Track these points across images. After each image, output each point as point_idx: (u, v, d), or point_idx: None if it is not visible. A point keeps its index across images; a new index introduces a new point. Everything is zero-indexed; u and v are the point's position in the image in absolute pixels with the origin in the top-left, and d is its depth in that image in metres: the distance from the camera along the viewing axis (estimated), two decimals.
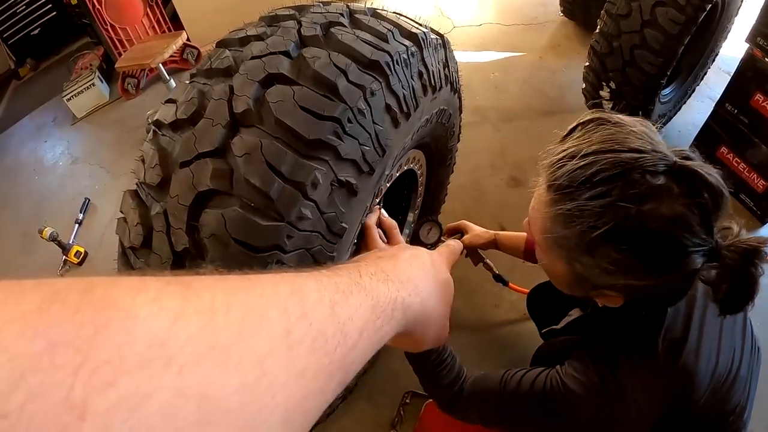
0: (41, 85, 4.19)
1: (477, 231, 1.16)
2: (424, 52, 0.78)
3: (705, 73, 2.07)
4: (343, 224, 0.63)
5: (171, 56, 2.54)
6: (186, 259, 0.58)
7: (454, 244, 0.59)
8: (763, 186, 1.66)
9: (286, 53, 0.64)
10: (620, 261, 0.55)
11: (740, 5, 1.86)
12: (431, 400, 1.20)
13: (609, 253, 0.55)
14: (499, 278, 1.37)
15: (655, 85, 1.62)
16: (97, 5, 2.91)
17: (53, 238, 2.13)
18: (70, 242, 2.26)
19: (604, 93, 1.80)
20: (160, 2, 3.09)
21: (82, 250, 2.23)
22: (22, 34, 4.34)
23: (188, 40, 2.89)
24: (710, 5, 1.48)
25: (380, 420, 1.38)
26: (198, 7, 3.14)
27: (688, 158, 0.55)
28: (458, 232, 1.18)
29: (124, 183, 2.63)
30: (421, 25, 0.84)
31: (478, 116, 2.36)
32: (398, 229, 0.80)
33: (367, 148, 0.63)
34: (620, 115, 0.59)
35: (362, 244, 0.75)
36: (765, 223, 1.70)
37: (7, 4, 4.09)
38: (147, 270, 0.62)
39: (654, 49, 1.52)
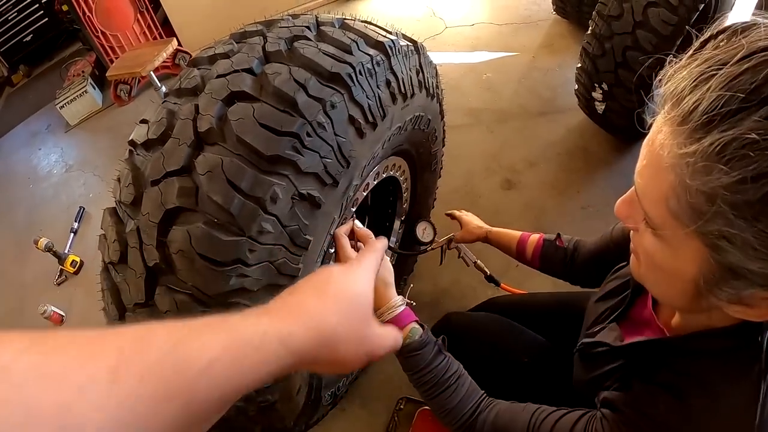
0: (34, 91, 4.29)
1: (470, 227, 1.21)
2: (392, 60, 0.82)
3: None
4: (307, 237, 0.68)
5: (163, 62, 2.61)
6: (158, 274, 0.63)
7: (377, 245, 0.56)
8: None
9: (249, 70, 0.69)
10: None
11: (734, 2, 1.87)
12: (426, 407, 1.25)
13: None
14: (491, 279, 1.40)
15: (649, 86, 1.65)
16: (88, 12, 2.99)
17: (49, 248, 2.20)
18: (66, 252, 2.34)
19: (597, 94, 1.82)
20: (150, 8, 3.16)
21: (78, 259, 2.31)
22: (14, 41, 4.45)
23: (180, 45, 2.96)
24: (703, 5, 1.50)
25: (375, 426, 1.42)
26: (189, 12, 3.21)
27: None
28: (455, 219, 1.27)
29: None
30: (390, 32, 0.88)
31: (472, 118, 2.39)
32: (373, 238, 0.84)
33: (329, 160, 0.68)
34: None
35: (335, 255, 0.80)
36: None
37: None
38: (125, 284, 0.67)
39: (646, 50, 1.54)
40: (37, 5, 4.32)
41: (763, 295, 0.41)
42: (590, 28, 1.70)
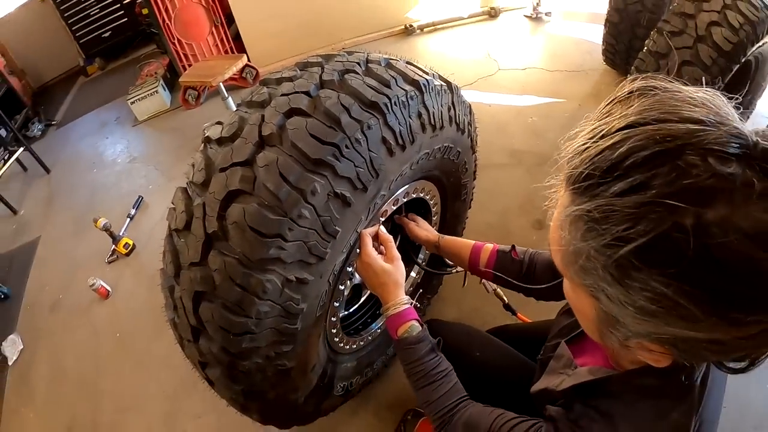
0: (107, 84, 4.82)
1: (425, 226, 1.30)
2: (425, 96, 1.01)
3: None
4: (336, 227, 0.86)
5: (231, 75, 2.94)
6: (214, 240, 0.83)
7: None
8: None
9: (307, 93, 0.90)
10: (667, 298, 0.39)
11: None
12: (425, 417, 1.37)
13: (649, 282, 0.40)
14: (508, 308, 1.52)
15: None
16: (167, 20, 3.40)
17: (106, 228, 2.50)
18: (120, 234, 2.63)
19: None
20: (224, 23, 3.55)
21: (131, 242, 2.60)
22: (94, 35, 5.00)
23: (248, 60, 3.31)
24: (737, 66, 1.61)
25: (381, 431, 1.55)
26: (259, 31, 3.59)
27: None
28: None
29: (176, 186, 3.02)
30: (427, 73, 1.08)
31: (514, 159, 2.55)
32: (393, 243, 1.03)
33: (362, 170, 0.87)
34: (677, 83, 0.45)
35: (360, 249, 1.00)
36: None
37: (82, 5, 4.76)
38: (185, 246, 0.88)
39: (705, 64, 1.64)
40: (119, 5, 4.89)
41: (647, 344, 0.47)
42: (645, 47, 1.81)
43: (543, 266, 1.06)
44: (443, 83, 1.12)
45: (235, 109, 0.99)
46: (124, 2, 4.82)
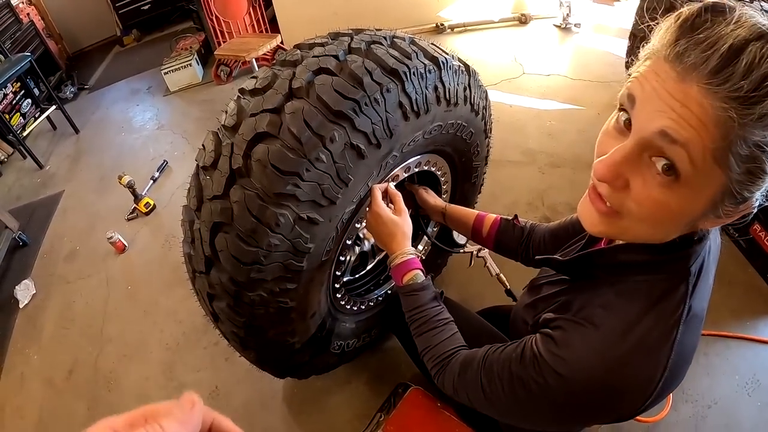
0: (141, 56, 5.00)
1: (433, 195, 1.38)
2: (442, 72, 1.10)
3: None
4: (349, 176, 0.95)
5: (264, 54, 3.06)
6: (237, 176, 0.93)
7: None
8: None
9: (336, 56, 0.99)
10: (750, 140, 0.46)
11: None
12: (415, 388, 1.44)
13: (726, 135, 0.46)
14: (509, 293, 1.59)
15: None
16: None
17: (130, 186, 2.63)
18: (143, 194, 2.76)
19: None
20: (262, 4, 3.69)
21: (152, 202, 2.73)
22: (133, 6, 5.22)
23: (282, 42, 3.43)
24: None
25: (372, 403, 1.61)
26: (295, 15, 3.72)
27: None
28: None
29: None
30: (446, 53, 1.16)
31: (528, 157, 2.62)
32: (401, 198, 1.12)
33: (377, 127, 0.96)
34: None
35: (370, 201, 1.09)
36: None
37: None
38: (210, 181, 0.98)
39: None
40: None
41: (746, 205, 0.52)
42: None
43: (542, 231, 1.14)
44: (461, 65, 1.20)
45: (255, 74, 1.09)
46: None
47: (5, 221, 2.71)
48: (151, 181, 2.91)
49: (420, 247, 1.63)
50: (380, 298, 1.54)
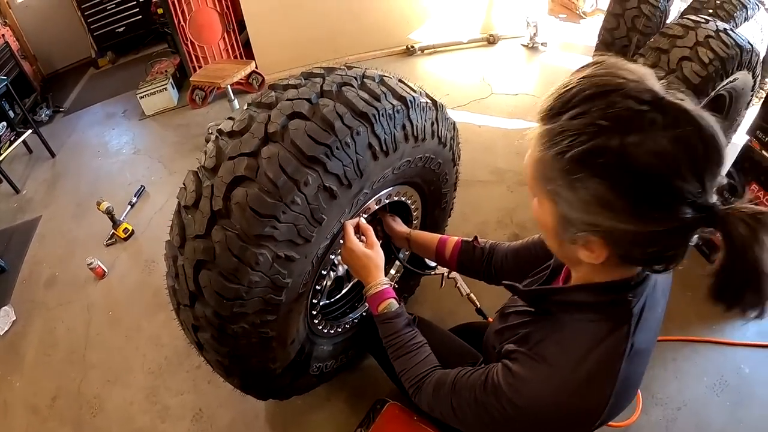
0: (116, 78, 4.96)
1: (399, 222, 1.46)
2: (410, 111, 1.17)
3: None
4: (323, 215, 1.01)
5: (239, 80, 3.10)
6: (218, 217, 0.98)
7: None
8: None
9: (309, 99, 1.05)
10: (601, 194, 0.57)
11: (750, 100, 2.11)
12: (391, 404, 1.49)
13: (588, 183, 0.57)
14: (480, 312, 1.65)
15: None
16: (182, 22, 3.57)
17: (109, 212, 2.62)
18: (121, 219, 2.76)
19: None
20: (236, 30, 3.73)
21: (130, 227, 2.72)
22: (108, 29, 5.19)
23: (256, 67, 3.48)
24: (706, 99, 1.76)
25: (352, 420, 1.65)
26: (268, 40, 3.78)
27: (681, 99, 0.56)
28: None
29: (177, 179, 3.16)
30: (415, 91, 1.23)
31: (496, 177, 2.72)
32: (372, 232, 1.18)
33: (348, 169, 1.02)
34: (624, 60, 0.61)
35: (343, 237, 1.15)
36: None
37: None
38: (192, 221, 1.02)
39: None
40: (135, 2, 5.10)
41: (590, 237, 0.62)
42: None
43: (504, 251, 1.21)
44: (429, 101, 1.27)
45: (236, 109, 1.14)
46: (140, 0, 5.02)
47: None
48: (129, 207, 2.91)
49: (392, 271, 1.70)
50: (355, 320, 1.60)
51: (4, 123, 3.69)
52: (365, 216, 1.27)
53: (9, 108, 3.77)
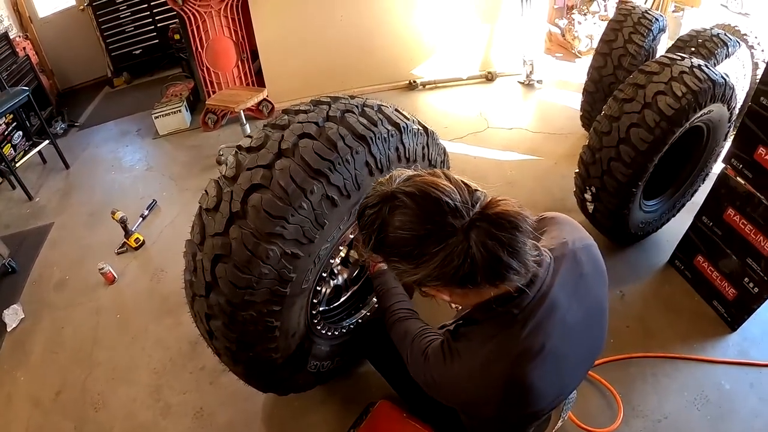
0: (130, 98, 5.23)
1: None
2: (403, 135, 1.38)
3: (696, 190, 2.46)
4: (325, 220, 1.21)
5: (251, 106, 3.34)
6: (235, 218, 1.17)
7: None
8: (734, 294, 1.96)
9: (316, 123, 1.26)
10: (393, 264, 0.83)
11: (728, 131, 2.24)
12: (382, 401, 1.63)
13: (389, 258, 0.84)
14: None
15: (627, 193, 2.02)
16: (200, 49, 3.85)
17: (123, 221, 2.81)
18: (133, 230, 2.94)
19: (587, 196, 2.19)
20: (250, 58, 4.01)
21: (141, 238, 2.91)
22: (125, 50, 5.52)
23: (267, 96, 3.73)
24: (680, 129, 1.90)
25: (346, 421, 1.77)
26: (279, 69, 4.05)
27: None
28: None
29: (188, 196, 3.36)
30: (408, 119, 1.44)
31: None
32: None
33: (348, 182, 1.22)
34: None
35: None
36: (734, 330, 1.97)
37: (119, 21, 5.31)
38: (212, 221, 1.21)
39: (626, 162, 1.95)
40: (153, 27, 5.43)
41: (433, 289, 0.84)
42: (587, 141, 2.13)
43: None
44: (420, 128, 1.48)
45: (248, 133, 1.35)
46: (159, 25, 5.37)
47: None
48: (141, 219, 3.09)
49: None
50: (351, 326, 1.78)
51: (21, 133, 3.91)
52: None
53: (25, 119, 3.99)
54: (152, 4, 5.24)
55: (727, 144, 2.11)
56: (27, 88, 3.73)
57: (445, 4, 4.09)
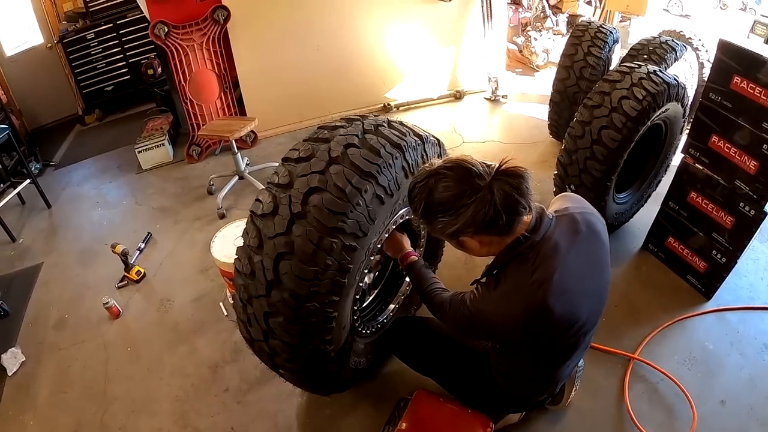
0: (105, 135, 5.23)
1: (406, 238, 1.80)
2: (425, 145, 1.60)
3: (659, 181, 2.80)
4: (375, 216, 1.40)
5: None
6: (296, 218, 1.33)
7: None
8: (704, 267, 2.32)
9: (357, 135, 1.46)
10: (438, 220, 1.16)
11: (683, 126, 2.60)
12: (419, 390, 1.78)
13: (437, 217, 1.15)
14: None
15: (603, 187, 2.34)
16: (183, 82, 3.98)
17: (124, 254, 2.85)
18: (132, 263, 2.98)
19: None
20: (231, 89, 4.18)
21: (142, 270, 2.95)
22: (96, 87, 5.54)
23: (256, 124, 3.87)
24: (643, 127, 2.22)
25: (378, 420, 1.89)
26: (260, 99, 4.26)
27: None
28: None
29: (184, 227, 3.44)
30: (425, 132, 1.66)
31: None
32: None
33: (391, 182, 1.42)
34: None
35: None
36: (710, 298, 2.31)
37: (91, 57, 5.36)
38: (271, 223, 1.37)
39: (600, 159, 2.26)
40: (124, 62, 5.51)
41: (467, 237, 1.18)
42: (563, 145, 2.45)
43: None
44: (435, 139, 1.71)
45: (243, 161, 1.53)
46: (130, 61, 5.46)
47: None
48: (138, 252, 3.13)
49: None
50: (379, 326, 1.96)
51: None
52: (400, 221, 1.68)
53: None
54: (123, 40, 5.33)
55: (683, 137, 2.49)
56: (6, 126, 3.70)
57: (414, 30, 4.45)
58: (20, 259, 3.39)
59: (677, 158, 2.48)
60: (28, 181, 3.82)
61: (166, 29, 3.76)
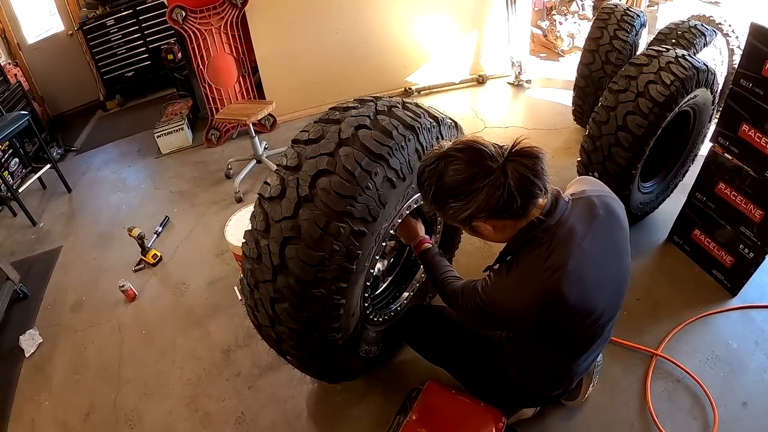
0: (126, 120, 5.33)
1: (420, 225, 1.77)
2: (441, 127, 1.55)
3: (686, 171, 2.70)
4: (386, 200, 1.35)
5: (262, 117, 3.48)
6: (303, 201, 1.30)
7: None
8: (731, 261, 2.19)
9: (368, 116, 1.42)
10: (449, 206, 1.11)
11: (712, 113, 2.49)
12: (430, 381, 1.75)
13: (449, 203, 1.10)
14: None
15: (628, 175, 2.25)
16: (201, 66, 3.99)
17: (141, 237, 2.88)
18: (149, 247, 3.02)
19: None
20: (250, 73, 4.17)
21: (159, 253, 2.99)
22: (118, 73, 5.66)
23: (274, 108, 3.87)
24: (671, 113, 2.13)
25: (389, 409, 1.87)
26: (279, 83, 4.24)
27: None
28: None
29: (201, 210, 3.46)
30: (442, 113, 1.60)
31: None
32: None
33: (403, 165, 1.37)
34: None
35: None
36: (735, 295, 2.19)
37: (111, 44, 5.45)
38: (278, 206, 1.34)
39: (625, 146, 2.18)
40: (144, 48, 5.59)
41: (480, 222, 1.12)
42: (587, 131, 2.36)
43: None
44: (452, 122, 1.65)
45: (261, 145, 1.49)
46: (150, 47, 5.53)
47: (7, 272, 2.85)
48: (155, 236, 3.17)
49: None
50: (391, 314, 1.92)
51: (17, 159, 3.97)
52: (414, 207, 1.63)
53: (20, 145, 4.05)
54: (143, 26, 5.40)
55: (712, 125, 2.36)
56: (27, 112, 3.79)
57: (435, 13, 4.37)
58: (40, 242, 3.49)
59: (705, 147, 2.37)
60: (48, 166, 3.91)
61: (184, 14, 3.76)
